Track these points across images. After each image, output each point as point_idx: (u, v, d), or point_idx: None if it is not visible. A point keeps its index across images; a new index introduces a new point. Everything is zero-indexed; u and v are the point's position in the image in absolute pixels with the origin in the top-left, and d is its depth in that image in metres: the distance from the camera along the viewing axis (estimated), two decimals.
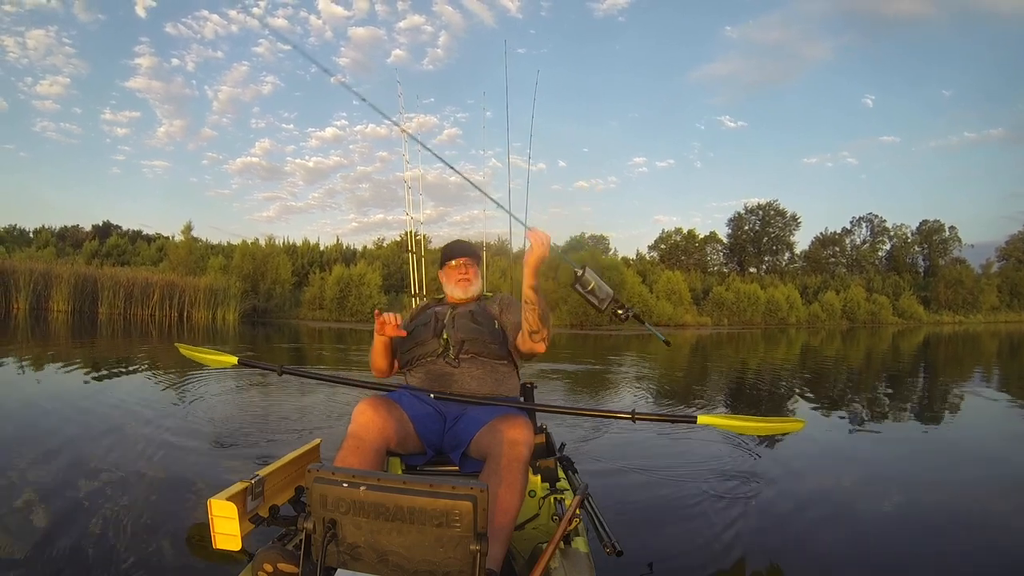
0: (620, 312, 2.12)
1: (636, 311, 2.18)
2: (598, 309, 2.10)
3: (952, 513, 3.32)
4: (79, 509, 2.66)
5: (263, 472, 1.93)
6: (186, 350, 3.10)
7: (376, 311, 2.28)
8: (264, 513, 1.87)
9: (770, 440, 4.67)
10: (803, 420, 2.55)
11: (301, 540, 1.38)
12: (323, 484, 1.27)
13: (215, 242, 30.87)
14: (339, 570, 1.33)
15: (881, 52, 68.82)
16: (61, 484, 2.98)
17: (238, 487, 1.78)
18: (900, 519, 3.17)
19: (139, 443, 3.83)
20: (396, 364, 2.46)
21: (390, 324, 2.20)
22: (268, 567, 1.53)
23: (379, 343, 2.34)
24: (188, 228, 27.73)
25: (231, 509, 1.71)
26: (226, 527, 1.72)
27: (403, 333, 2.23)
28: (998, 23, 63.00)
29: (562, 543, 1.70)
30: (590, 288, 2.09)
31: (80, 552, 2.23)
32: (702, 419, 2.27)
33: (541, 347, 2.24)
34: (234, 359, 2.78)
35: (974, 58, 67.85)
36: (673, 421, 3.95)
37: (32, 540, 2.32)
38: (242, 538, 1.74)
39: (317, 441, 2.39)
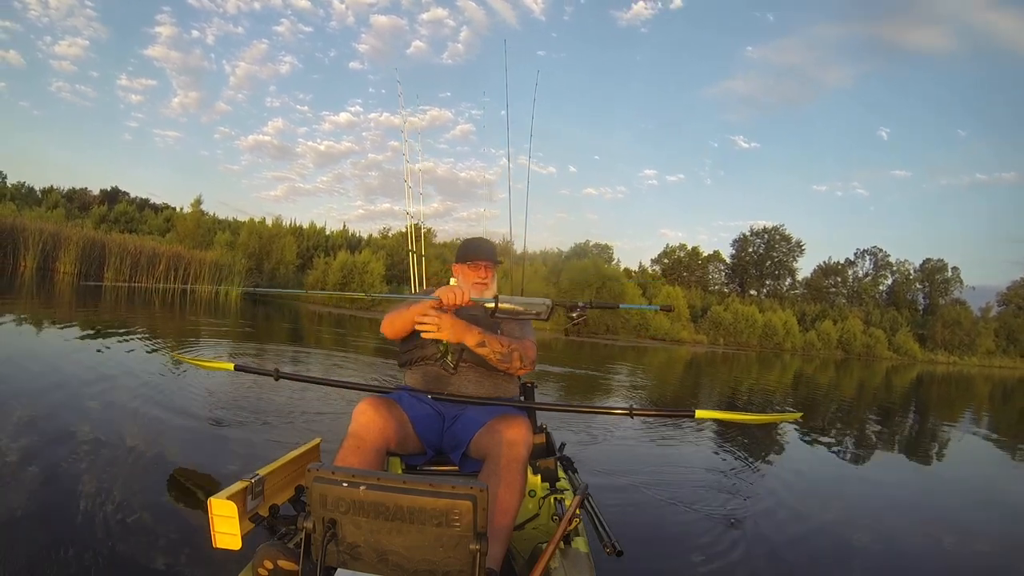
0: (574, 315, 2.08)
1: (597, 302, 2.13)
2: (542, 319, 2.03)
3: (935, 548, 3.38)
4: (73, 506, 2.60)
5: (263, 471, 1.92)
6: (183, 359, 3.15)
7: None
8: (264, 512, 1.87)
9: (765, 451, 4.82)
10: (800, 412, 2.60)
11: (301, 539, 1.37)
12: (323, 484, 1.27)
13: (222, 217, 31.04)
14: (339, 570, 1.33)
15: (900, 85, 68.96)
16: (54, 479, 2.90)
17: (238, 486, 1.77)
18: (886, 543, 3.23)
19: (137, 440, 3.72)
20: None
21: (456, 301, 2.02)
22: (268, 564, 1.52)
23: (410, 320, 2.16)
24: (198, 201, 27.64)
25: (231, 508, 1.70)
26: (226, 526, 1.72)
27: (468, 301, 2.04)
28: (1017, 64, 63.18)
29: (562, 543, 1.70)
30: (518, 312, 2.02)
31: (75, 551, 2.19)
32: (700, 413, 2.26)
33: (521, 372, 2.24)
34: (230, 365, 2.78)
35: (991, 99, 68.08)
36: (671, 415, 3.89)
37: (21, 540, 2.25)
38: (242, 537, 1.73)
39: (317, 440, 2.38)
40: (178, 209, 32.28)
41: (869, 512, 3.81)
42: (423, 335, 2.05)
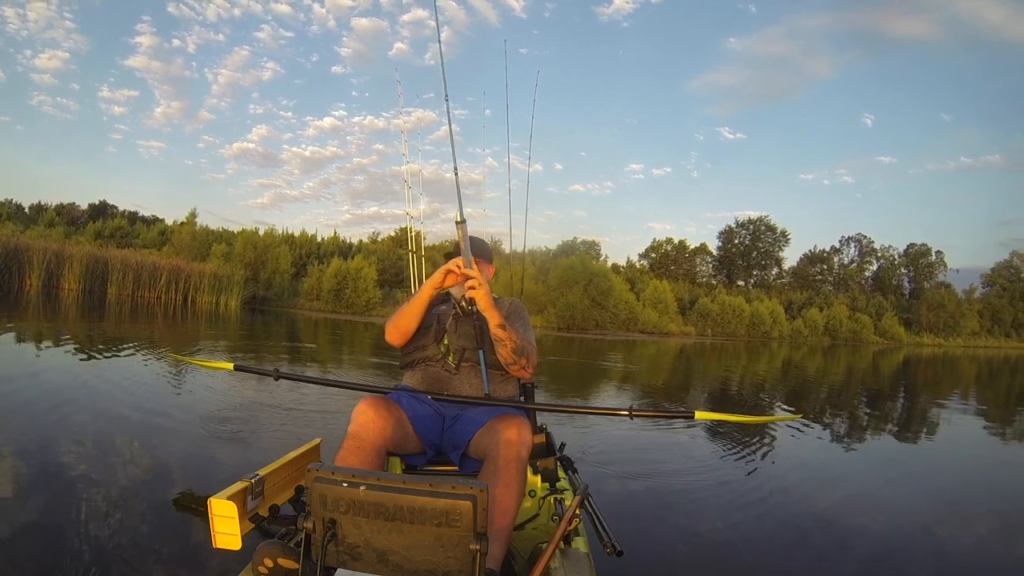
0: (464, 303, 2.13)
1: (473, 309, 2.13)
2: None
3: (934, 533, 3.39)
4: (70, 508, 2.60)
5: (263, 471, 1.91)
6: (183, 359, 3.28)
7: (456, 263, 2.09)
8: (264, 512, 1.86)
9: (762, 443, 4.85)
10: (799, 414, 2.63)
11: (301, 539, 1.37)
12: (323, 484, 1.27)
13: (212, 227, 31.19)
14: (339, 570, 1.34)
15: (883, 71, 69.59)
16: (51, 480, 2.91)
17: (238, 486, 1.77)
18: (886, 531, 3.25)
19: (137, 443, 3.75)
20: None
21: (459, 274, 2.08)
22: (268, 562, 1.51)
23: (424, 298, 2.23)
24: (192, 214, 28.63)
25: (231, 508, 1.70)
26: (226, 526, 1.71)
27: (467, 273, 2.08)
28: (1000, 50, 63.97)
29: (562, 543, 1.69)
30: (459, 239, 2.05)
31: (73, 552, 2.20)
32: (700, 414, 2.26)
33: (523, 374, 2.23)
34: (230, 365, 2.76)
35: (975, 84, 68.75)
36: (670, 416, 3.79)
37: (21, 539, 2.27)
38: (242, 537, 1.73)
39: (317, 441, 2.37)
40: (169, 221, 32.80)
41: (866, 497, 3.87)
42: (468, 290, 2.04)
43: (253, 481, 1.82)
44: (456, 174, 2.29)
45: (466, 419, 2.08)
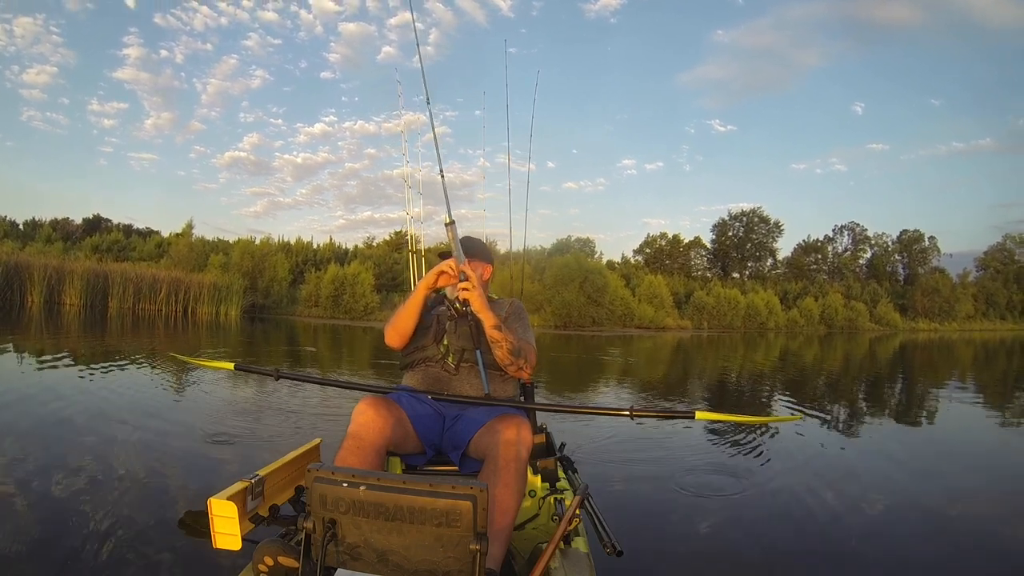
0: (458, 304, 2.19)
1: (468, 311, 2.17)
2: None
3: (938, 517, 3.41)
4: (72, 509, 2.64)
5: (263, 472, 1.91)
6: (183, 358, 3.14)
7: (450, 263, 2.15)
8: (264, 513, 1.86)
9: (763, 438, 4.81)
10: (799, 415, 2.63)
11: (301, 540, 1.38)
12: (323, 484, 1.27)
13: (208, 238, 31.22)
14: (339, 570, 1.34)
15: (872, 60, 68.95)
16: (54, 483, 2.95)
17: (238, 486, 1.77)
18: (889, 522, 3.26)
19: (137, 442, 3.81)
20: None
21: (452, 274, 2.13)
22: (268, 560, 1.51)
23: (419, 298, 2.25)
24: (189, 226, 29.07)
25: (231, 508, 1.70)
26: (226, 527, 1.71)
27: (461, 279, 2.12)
28: (989, 35, 63.63)
29: (562, 543, 1.68)
30: (450, 240, 2.12)
31: (75, 554, 2.22)
32: (700, 415, 2.25)
33: (521, 375, 2.24)
34: (230, 364, 2.75)
35: (964, 69, 68.33)
36: (671, 417, 3.76)
37: (23, 542, 2.29)
38: (242, 538, 1.73)
39: (317, 441, 2.37)
40: (164, 233, 33.08)
41: (869, 488, 3.85)
42: (460, 291, 2.08)
43: (253, 481, 1.83)
44: (442, 176, 2.32)
45: (466, 419, 2.08)
